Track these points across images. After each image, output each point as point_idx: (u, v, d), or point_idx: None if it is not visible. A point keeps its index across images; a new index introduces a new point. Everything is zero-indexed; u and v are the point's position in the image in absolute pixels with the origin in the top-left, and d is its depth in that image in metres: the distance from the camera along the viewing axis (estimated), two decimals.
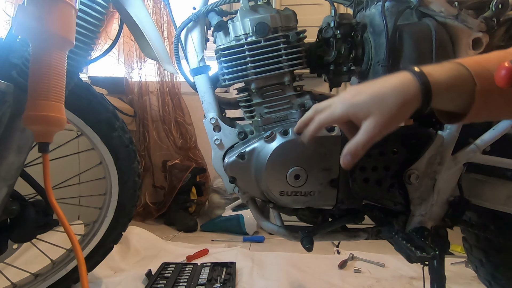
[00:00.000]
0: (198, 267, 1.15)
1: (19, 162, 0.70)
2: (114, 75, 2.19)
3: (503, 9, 0.63)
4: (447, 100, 0.44)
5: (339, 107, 0.48)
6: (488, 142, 0.67)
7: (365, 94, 0.45)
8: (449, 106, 0.45)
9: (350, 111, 0.47)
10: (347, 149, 0.47)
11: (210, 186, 2.09)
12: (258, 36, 0.66)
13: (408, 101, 0.43)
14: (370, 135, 0.45)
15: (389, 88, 0.44)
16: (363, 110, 0.45)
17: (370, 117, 0.45)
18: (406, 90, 0.43)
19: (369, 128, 0.45)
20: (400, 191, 0.69)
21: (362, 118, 0.46)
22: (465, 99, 0.43)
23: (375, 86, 0.46)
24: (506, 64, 0.36)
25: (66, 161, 0.98)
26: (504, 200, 0.69)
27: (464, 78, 0.42)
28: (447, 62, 0.45)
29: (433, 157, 0.67)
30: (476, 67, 0.42)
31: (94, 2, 0.73)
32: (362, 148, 0.46)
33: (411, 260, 0.63)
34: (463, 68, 0.42)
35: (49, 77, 0.55)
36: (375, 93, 0.45)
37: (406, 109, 0.44)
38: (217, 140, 0.71)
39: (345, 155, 0.47)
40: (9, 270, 0.87)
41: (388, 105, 0.44)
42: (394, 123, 0.45)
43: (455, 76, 0.42)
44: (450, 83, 0.42)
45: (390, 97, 0.44)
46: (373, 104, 0.44)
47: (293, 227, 0.75)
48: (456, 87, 0.42)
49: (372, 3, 0.72)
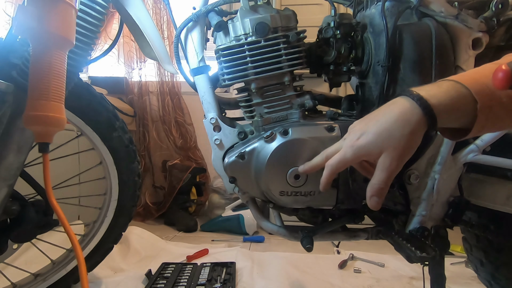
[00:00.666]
0: (198, 267, 1.15)
1: (19, 162, 0.70)
2: (114, 75, 2.19)
3: (503, 9, 0.63)
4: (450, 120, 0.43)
5: (349, 152, 0.47)
6: (488, 142, 0.67)
7: (370, 134, 0.45)
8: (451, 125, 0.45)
9: (361, 153, 0.46)
10: (371, 191, 0.47)
11: (210, 186, 2.09)
12: (258, 36, 0.66)
13: (415, 129, 0.43)
14: (389, 171, 0.45)
15: (392, 122, 0.44)
16: (375, 150, 0.45)
17: (384, 154, 0.44)
18: (409, 119, 0.43)
19: (386, 165, 0.44)
20: (400, 191, 0.69)
21: (376, 156, 0.45)
22: (467, 117, 0.43)
23: (377, 122, 0.45)
24: (503, 66, 0.36)
25: (66, 161, 0.98)
26: (504, 200, 0.69)
27: (464, 98, 0.42)
28: (443, 81, 0.44)
29: (433, 157, 0.67)
30: (474, 84, 0.42)
31: (94, 2, 0.73)
32: (386, 185, 0.46)
33: (411, 260, 0.63)
34: (461, 87, 0.42)
35: (49, 77, 0.55)
36: (379, 130, 0.44)
37: (415, 137, 0.44)
38: (217, 140, 0.71)
39: (371, 197, 0.47)
40: (9, 270, 0.87)
41: (397, 139, 0.43)
42: (409, 152, 0.45)
43: (455, 97, 0.42)
44: (451, 105, 0.42)
45: (396, 130, 0.43)
46: (382, 141, 0.44)
47: (293, 227, 0.75)
48: (457, 107, 0.42)
49: (372, 3, 0.72)
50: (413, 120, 0.43)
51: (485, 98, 0.41)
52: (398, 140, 0.43)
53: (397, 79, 0.66)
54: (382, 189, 0.46)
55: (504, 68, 0.36)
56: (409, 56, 0.65)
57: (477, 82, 0.42)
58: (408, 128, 0.43)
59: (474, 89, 0.41)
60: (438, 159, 0.67)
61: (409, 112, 0.43)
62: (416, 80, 0.64)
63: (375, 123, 0.45)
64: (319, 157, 0.55)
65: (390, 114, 0.44)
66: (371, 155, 0.46)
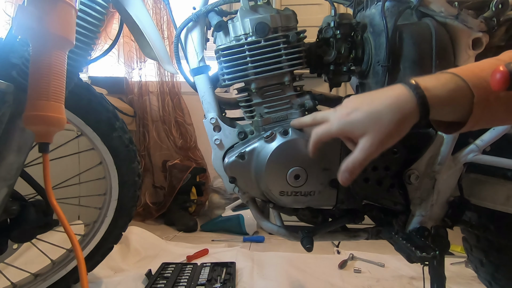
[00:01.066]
0: (198, 267, 1.15)
1: (19, 162, 0.70)
2: (114, 75, 2.19)
3: (503, 9, 0.63)
4: (445, 112, 0.44)
5: (335, 124, 0.48)
6: (488, 142, 0.67)
7: (361, 112, 0.45)
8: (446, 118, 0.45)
9: (346, 129, 0.47)
10: (345, 166, 0.47)
11: (210, 186, 2.09)
12: (258, 36, 0.66)
13: (405, 117, 0.43)
14: (367, 153, 0.45)
15: (385, 105, 0.43)
16: (359, 128, 0.45)
17: (366, 135, 0.45)
18: (403, 106, 0.43)
19: (365, 147, 0.45)
20: (400, 191, 0.69)
21: (359, 136, 0.45)
22: (463, 110, 0.43)
23: (371, 102, 0.45)
24: (501, 68, 0.37)
25: (66, 161, 0.98)
26: (504, 200, 0.69)
27: (461, 90, 0.42)
28: (442, 73, 0.44)
29: (433, 157, 0.67)
30: (472, 78, 0.42)
31: (94, 2, 0.73)
32: (359, 165, 0.46)
33: (411, 260, 0.63)
34: (460, 80, 0.42)
35: (49, 77, 0.55)
36: (371, 110, 0.44)
37: (403, 125, 0.44)
38: (217, 140, 0.71)
39: (343, 172, 0.48)
40: (9, 270, 0.87)
41: (385, 123, 0.43)
42: (391, 140, 0.45)
43: (453, 89, 0.42)
44: (448, 97, 0.42)
45: (387, 114, 0.43)
46: (369, 122, 0.44)
47: (293, 227, 0.75)
48: (454, 100, 0.42)
49: (372, 3, 0.72)
50: (406, 107, 0.42)
51: (482, 91, 0.41)
52: (385, 125, 0.43)
53: (397, 79, 0.66)
54: (355, 169, 0.47)
55: (502, 69, 0.36)
56: (409, 56, 0.65)
57: (476, 75, 0.42)
58: (399, 115, 0.43)
59: (471, 82, 0.41)
60: (438, 159, 0.67)
61: (404, 99, 0.43)
62: None
63: (369, 102, 0.45)
64: (309, 117, 0.56)
65: (385, 97, 0.44)
66: (354, 133, 0.46)
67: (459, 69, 0.44)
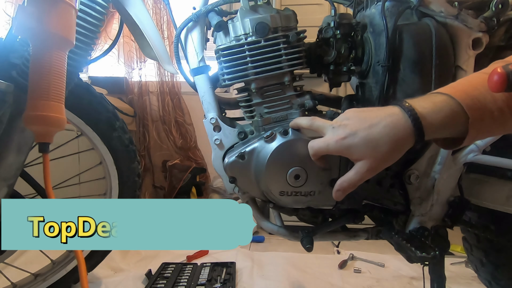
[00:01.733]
0: (198, 267, 1.15)
1: (19, 162, 0.70)
2: (114, 75, 2.19)
3: (503, 9, 0.63)
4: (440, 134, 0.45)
5: (332, 145, 0.49)
6: (488, 142, 0.67)
7: (358, 138, 0.46)
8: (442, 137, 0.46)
9: (343, 152, 0.48)
10: (340, 185, 0.50)
11: (210, 186, 2.09)
12: (258, 36, 0.66)
13: (402, 144, 0.45)
14: (363, 176, 0.47)
15: (382, 134, 0.45)
16: (356, 154, 0.47)
17: (364, 160, 0.46)
18: (399, 134, 0.44)
19: (362, 170, 0.47)
20: (400, 191, 0.69)
21: (355, 160, 0.48)
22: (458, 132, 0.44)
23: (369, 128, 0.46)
24: (499, 69, 0.37)
25: (66, 161, 0.98)
26: (504, 200, 0.69)
27: (457, 114, 0.43)
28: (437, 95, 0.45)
29: (433, 157, 0.67)
30: (466, 99, 0.43)
31: (94, 2, 0.73)
32: (354, 186, 0.49)
33: (411, 260, 0.63)
34: (454, 104, 0.43)
35: (49, 77, 0.55)
36: (368, 138, 0.45)
37: (398, 151, 0.45)
38: (217, 140, 0.71)
39: (337, 191, 0.50)
40: (9, 270, 0.87)
41: (382, 150, 0.45)
42: (386, 164, 0.47)
43: (448, 115, 0.43)
44: (443, 122, 0.43)
45: (384, 143, 0.45)
46: (367, 149, 0.46)
47: (293, 227, 0.75)
48: (449, 124, 0.43)
49: (372, 3, 0.72)
50: (403, 135, 0.44)
51: (476, 112, 0.42)
52: (382, 152, 0.45)
53: (397, 79, 0.66)
54: (349, 188, 0.49)
55: (500, 71, 0.37)
56: (409, 56, 0.65)
57: (469, 95, 0.43)
58: (395, 142, 0.44)
59: (466, 105, 0.42)
60: (438, 159, 0.67)
61: (400, 126, 0.44)
62: (416, 80, 0.64)
63: (366, 128, 0.46)
64: (306, 120, 0.58)
65: (383, 124, 0.45)
66: (351, 157, 0.48)
67: (453, 88, 0.45)
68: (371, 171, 0.46)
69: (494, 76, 0.37)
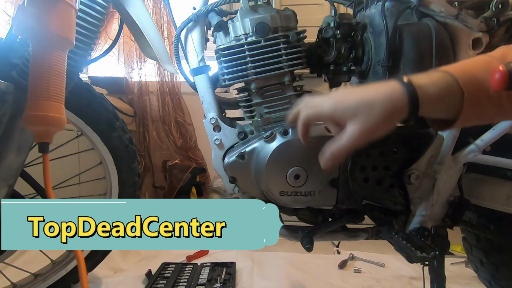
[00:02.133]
0: (198, 267, 1.15)
1: (19, 162, 0.70)
2: (114, 75, 2.19)
3: (503, 9, 0.63)
4: (435, 110, 0.45)
5: (327, 106, 0.48)
6: (488, 142, 0.67)
7: (354, 97, 0.46)
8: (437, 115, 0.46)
9: (337, 112, 0.47)
10: (329, 151, 0.48)
11: (210, 186, 2.09)
12: (258, 36, 0.66)
13: (395, 111, 0.44)
14: (353, 140, 0.45)
15: (377, 96, 0.44)
16: (350, 113, 0.46)
17: (355, 122, 0.45)
18: (394, 100, 0.44)
19: (352, 133, 0.45)
20: (400, 191, 0.69)
21: (348, 119, 0.46)
22: (453, 108, 0.43)
23: (365, 91, 0.46)
24: (501, 67, 0.37)
25: (66, 161, 0.98)
26: (504, 200, 0.69)
27: (452, 89, 0.43)
28: (435, 71, 0.45)
29: (433, 157, 0.67)
30: (463, 75, 0.43)
31: (94, 2, 0.73)
32: (344, 152, 0.47)
33: (411, 260, 0.63)
34: (451, 78, 0.43)
35: (49, 77, 0.55)
36: (363, 98, 0.45)
37: (391, 118, 0.44)
38: (217, 140, 0.71)
39: (325, 157, 0.48)
40: (9, 270, 0.87)
41: (374, 112, 0.44)
42: (378, 131, 0.45)
43: (444, 87, 0.43)
44: (438, 94, 0.43)
45: (378, 104, 0.44)
46: (360, 108, 0.45)
47: (293, 227, 0.75)
48: (444, 97, 0.43)
49: (372, 3, 0.72)
50: (397, 102, 0.43)
51: (472, 89, 0.42)
52: (375, 114, 0.44)
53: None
54: (338, 155, 0.47)
55: (502, 69, 0.37)
56: (409, 56, 0.65)
57: (466, 73, 0.43)
58: (389, 108, 0.44)
59: (462, 80, 0.42)
60: (438, 159, 0.67)
61: (396, 94, 0.44)
62: None
63: (362, 91, 0.46)
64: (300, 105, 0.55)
65: (378, 90, 0.45)
66: (344, 116, 0.46)
67: (451, 66, 0.45)
68: (362, 133, 0.45)
69: (495, 74, 0.37)
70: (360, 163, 0.66)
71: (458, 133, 0.67)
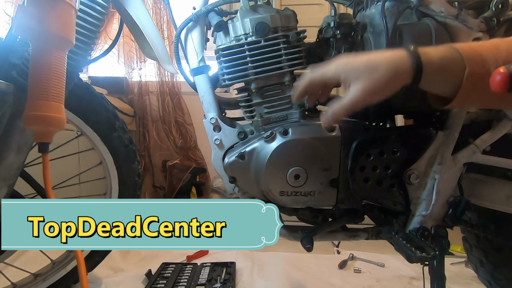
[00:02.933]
0: (198, 267, 1.15)
1: (19, 162, 0.70)
2: (114, 75, 2.19)
3: (503, 9, 0.63)
4: (437, 80, 0.45)
5: (332, 68, 0.49)
6: (488, 142, 0.67)
7: (359, 59, 0.47)
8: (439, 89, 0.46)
9: (341, 72, 0.48)
10: (330, 110, 0.49)
11: (210, 186, 2.09)
12: (258, 36, 0.66)
13: (399, 74, 0.45)
14: (355, 99, 0.47)
15: (383, 59, 0.46)
16: (354, 73, 0.47)
17: (358, 82, 0.46)
18: (399, 64, 0.45)
19: (355, 93, 0.46)
20: (400, 191, 0.69)
21: (352, 79, 0.47)
22: (454, 81, 0.44)
23: (371, 55, 0.47)
24: (501, 69, 0.37)
25: (66, 161, 0.98)
26: (504, 200, 0.69)
27: (455, 60, 0.43)
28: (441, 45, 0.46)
29: (433, 157, 0.67)
30: (468, 51, 0.44)
31: (94, 2, 0.73)
32: (345, 110, 0.48)
33: (411, 260, 0.63)
34: (455, 51, 0.44)
35: (49, 77, 0.55)
36: (369, 60, 0.46)
37: (395, 82, 0.45)
38: (217, 140, 0.71)
39: (327, 114, 0.50)
40: (9, 270, 0.87)
41: (378, 73, 0.45)
42: (380, 93, 0.46)
43: (447, 57, 0.44)
44: (441, 64, 0.44)
45: (382, 66, 0.45)
46: (365, 69, 0.46)
47: (293, 227, 0.75)
48: (446, 67, 0.44)
49: (372, 3, 0.72)
50: (401, 65, 0.45)
51: (475, 65, 0.42)
52: (378, 75, 0.45)
53: None
54: (339, 113, 0.49)
55: (502, 71, 0.37)
56: None
57: (472, 49, 0.44)
58: (393, 70, 0.45)
59: (466, 54, 0.43)
60: (438, 159, 0.67)
61: (400, 58, 0.45)
62: None
63: (368, 54, 0.47)
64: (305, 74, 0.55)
65: (384, 55, 0.46)
66: (348, 77, 0.47)
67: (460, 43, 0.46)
68: (365, 93, 0.46)
69: (496, 76, 0.37)
70: (360, 163, 0.66)
71: (458, 133, 0.67)
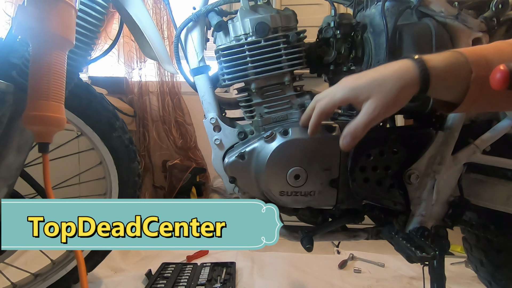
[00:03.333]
0: (198, 267, 1.15)
1: (19, 162, 0.70)
2: (114, 75, 2.19)
3: (503, 9, 0.63)
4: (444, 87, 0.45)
5: (340, 92, 0.49)
6: (488, 142, 0.67)
7: (365, 78, 0.47)
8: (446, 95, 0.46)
9: (351, 94, 0.48)
10: (347, 130, 0.49)
11: (210, 186, 2.09)
12: (258, 36, 0.66)
13: (407, 85, 0.45)
14: (370, 117, 0.46)
15: (389, 73, 0.46)
16: (364, 93, 0.47)
17: (370, 100, 0.46)
18: (405, 75, 0.45)
19: (369, 110, 0.46)
20: (400, 191, 0.69)
21: (363, 100, 0.47)
22: (461, 86, 0.44)
23: (375, 71, 0.47)
24: (502, 67, 0.37)
25: (66, 161, 0.98)
26: (504, 200, 0.69)
27: (461, 65, 0.43)
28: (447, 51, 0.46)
29: (433, 157, 0.67)
30: (473, 55, 0.44)
31: (94, 2, 0.73)
32: (362, 130, 0.48)
33: (411, 260, 0.63)
34: (460, 56, 0.44)
35: (49, 77, 0.55)
36: (375, 76, 0.46)
37: (404, 93, 0.45)
38: (217, 140, 0.71)
39: (345, 137, 0.49)
40: (9, 270, 0.87)
41: (388, 88, 0.45)
42: (393, 107, 0.46)
43: (453, 63, 0.44)
44: (447, 70, 0.44)
45: (390, 80, 0.45)
46: (373, 87, 0.46)
47: (293, 227, 0.75)
48: (453, 73, 0.44)
49: (372, 3, 0.72)
50: (408, 77, 0.44)
51: (480, 69, 0.43)
52: (388, 90, 0.45)
53: None
54: (358, 133, 0.48)
55: (502, 68, 0.37)
56: None
57: (476, 53, 0.44)
58: (401, 82, 0.45)
59: (471, 59, 0.43)
60: (438, 159, 0.67)
61: (406, 69, 0.45)
62: None
63: (373, 71, 0.47)
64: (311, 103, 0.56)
65: (390, 67, 0.46)
66: (359, 98, 0.47)
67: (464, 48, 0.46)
68: (379, 109, 0.46)
69: (496, 73, 0.37)
70: (360, 163, 0.66)
71: (458, 133, 0.67)
